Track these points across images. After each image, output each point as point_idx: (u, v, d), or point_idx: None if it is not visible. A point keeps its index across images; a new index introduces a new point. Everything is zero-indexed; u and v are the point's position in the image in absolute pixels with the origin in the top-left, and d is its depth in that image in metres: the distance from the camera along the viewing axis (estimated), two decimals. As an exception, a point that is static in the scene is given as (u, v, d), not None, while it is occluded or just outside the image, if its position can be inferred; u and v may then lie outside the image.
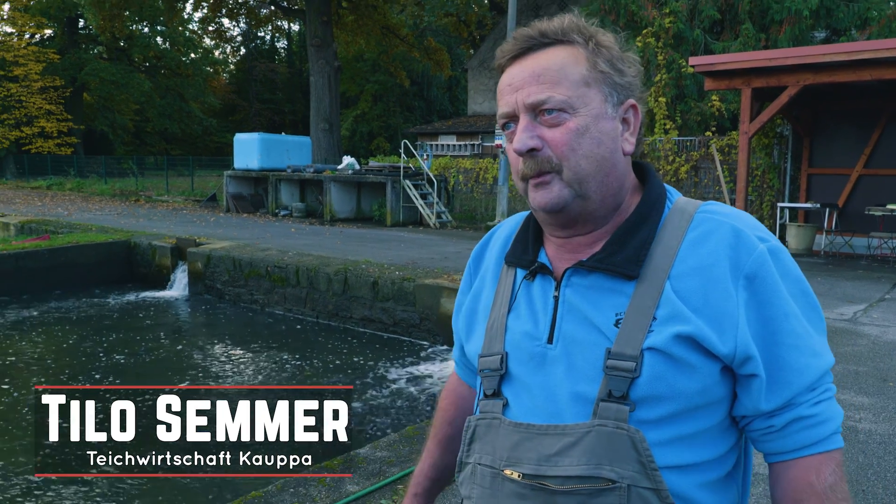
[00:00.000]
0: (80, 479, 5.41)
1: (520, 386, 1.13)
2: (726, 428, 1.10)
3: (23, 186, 34.17)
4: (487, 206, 19.11)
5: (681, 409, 1.04)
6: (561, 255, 1.16)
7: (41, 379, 7.90)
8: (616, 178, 1.11)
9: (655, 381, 1.02)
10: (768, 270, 1.04)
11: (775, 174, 13.65)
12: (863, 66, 9.94)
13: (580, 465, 1.03)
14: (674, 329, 1.02)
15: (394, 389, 7.75)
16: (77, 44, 43.38)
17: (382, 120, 45.91)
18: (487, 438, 1.15)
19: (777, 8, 14.89)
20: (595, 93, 1.09)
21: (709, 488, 1.07)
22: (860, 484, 3.56)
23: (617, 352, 1.04)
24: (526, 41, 1.10)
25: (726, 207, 1.13)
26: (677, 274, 1.06)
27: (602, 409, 1.04)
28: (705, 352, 1.03)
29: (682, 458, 1.04)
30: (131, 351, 9.06)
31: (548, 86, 1.07)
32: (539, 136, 1.07)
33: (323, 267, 10.58)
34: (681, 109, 15.94)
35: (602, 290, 1.09)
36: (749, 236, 1.06)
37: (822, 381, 1.07)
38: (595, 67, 1.09)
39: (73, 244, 13.04)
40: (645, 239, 1.09)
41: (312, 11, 25.40)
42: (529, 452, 1.08)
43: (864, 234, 12.28)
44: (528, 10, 28.52)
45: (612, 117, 1.10)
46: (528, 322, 1.14)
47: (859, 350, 6.09)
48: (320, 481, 3.59)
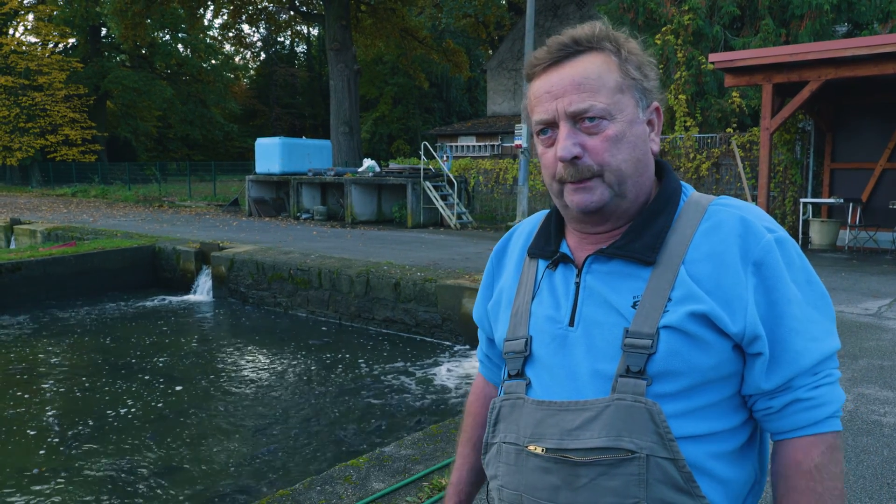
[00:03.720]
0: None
1: (542, 367, 1.20)
2: (739, 404, 1.15)
3: (48, 194, 34.67)
4: (508, 206, 19.11)
5: (695, 383, 1.10)
6: (582, 245, 1.23)
7: (66, 381, 8.04)
8: (648, 176, 1.20)
9: (671, 356, 1.08)
10: (774, 258, 1.10)
11: (797, 170, 13.54)
12: (885, 59, 9.84)
13: (601, 438, 1.09)
14: (688, 308, 1.09)
15: (417, 389, 7.80)
16: (100, 52, 43.94)
17: (402, 122, 46.02)
18: (512, 418, 1.21)
19: (797, 2, 14.75)
20: (628, 99, 1.15)
21: (722, 459, 1.12)
22: (885, 477, 3.55)
23: (634, 330, 1.10)
24: (560, 49, 1.16)
25: (738, 201, 1.19)
26: (691, 259, 1.12)
27: (621, 385, 1.10)
28: (718, 330, 1.09)
29: (695, 428, 1.10)
30: (158, 355, 9.18)
31: (588, 94, 1.12)
32: (580, 144, 1.13)
33: (345, 269, 10.65)
34: (701, 106, 15.85)
35: (621, 276, 1.15)
36: (757, 226, 1.13)
37: (823, 366, 1.12)
38: (627, 74, 1.16)
39: (99, 250, 13.22)
40: (662, 228, 1.16)
41: (331, 16, 25.54)
42: (552, 428, 1.14)
43: (888, 229, 12.15)
44: (546, 11, 28.49)
45: (642, 121, 1.18)
46: (551, 307, 1.21)
47: (884, 345, 6.05)
48: (346, 479, 3.64)
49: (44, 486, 5.39)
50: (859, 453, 3.85)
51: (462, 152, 30.19)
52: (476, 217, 19.09)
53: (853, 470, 3.64)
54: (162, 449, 6.15)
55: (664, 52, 15.99)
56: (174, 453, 6.07)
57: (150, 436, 6.44)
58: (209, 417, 6.98)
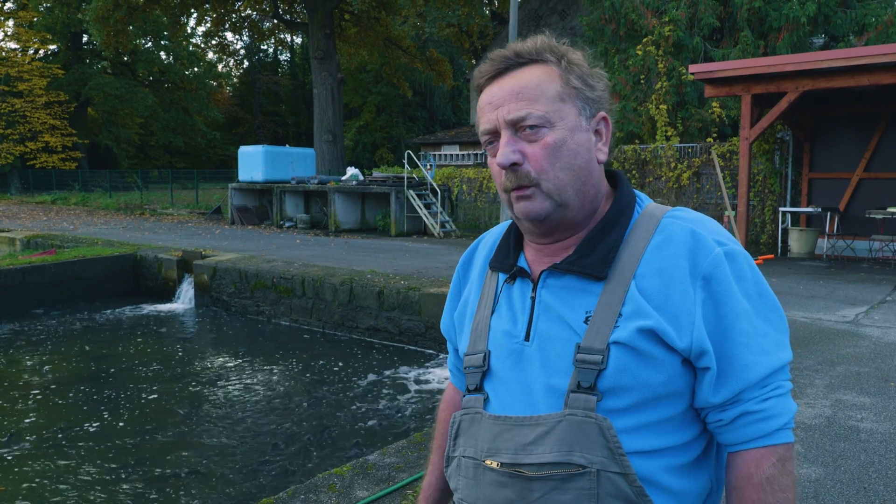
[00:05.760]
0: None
1: (499, 381, 1.21)
2: (692, 418, 1.17)
3: (28, 201, 34.33)
4: (491, 214, 19.19)
5: (645, 398, 1.11)
6: (539, 258, 1.24)
7: (47, 392, 7.98)
8: (592, 185, 1.19)
9: (620, 372, 1.10)
10: (723, 272, 1.11)
11: (776, 179, 13.72)
12: (861, 71, 10.02)
13: (553, 453, 1.11)
14: (637, 324, 1.10)
15: (401, 397, 7.80)
16: (81, 59, 43.65)
17: (385, 131, 46.06)
18: (470, 432, 1.23)
19: (775, 15, 14.97)
20: (570, 107, 1.17)
21: (675, 472, 1.13)
22: (862, 482, 3.62)
23: (585, 346, 1.12)
24: (503, 62, 1.19)
25: (691, 213, 1.20)
26: (642, 274, 1.13)
27: (572, 400, 1.11)
28: (665, 345, 1.10)
29: (647, 443, 1.11)
30: (138, 364, 9.13)
31: (526, 103, 1.14)
32: (520, 151, 1.15)
33: (328, 277, 10.65)
34: (682, 116, 16.02)
35: (574, 291, 1.17)
36: (707, 240, 1.13)
37: (772, 378, 1.13)
38: (568, 84, 1.17)
39: (80, 258, 13.12)
40: (613, 242, 1.17)
41: (315, 24, 25.57)
42: (507, 443, 1.15)
43: (865, 238, 12.33)
44: (529, 21, 28.67)
45: (585, 129, 1.18)
46: (508, 322, 1.23)
47: (861, 351, 6.14)
48: (330, 487, 3.65)
49: (19, 498, 5.35)
50: (837, 458, 3.91)
51: (445, 161, 30.23)
52: (459, 225, 19.15)
53: (831, 475, 3.70)
54: (141, 458, 6.12)
55: (645, 62, 16.16)
56: (154, 463, 6.04)
57: (129, 445, 6.40)
58: (191, 427, 6.95)
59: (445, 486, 1.46)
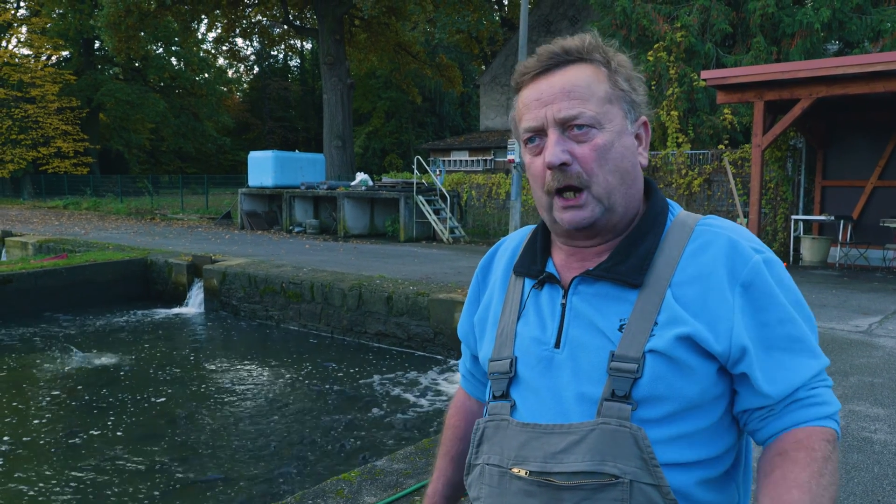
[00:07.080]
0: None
1: (527, 388, 1.18)
2: (726, 427, 1.14)
3: (40, 206, 34.54)
4: (500, 220, 19.15)
5: (680, 408, 1.09)
6: (569, 264, 1.21)
7: (58, 395, 7.99)
8: (636, 189, 1.18)
9: (656, 381, 1.08)
10: (764, 279, 1.10)
11: (789, 187, 13.62)
12: (876, 78, 9.93)
13: (584, 462, 1.08)
14: (674, 331, 1.08)
15: (409, 402, 7.77)
16: (93, 65, 43.92)
17: (395, 136, 46.12)
18: (496, 439, 1.19)
19: (789, 21, 14.90)
20: (617, 110, 1.15)
21: (708, 486, 1.11)
22: (875, 494, 3.56)
23: (620, 354, 1.09)
24: (550, 58, 1.15)
25: (724, 221, 1.19)
26: (678, 282, 1.11)
27: (605, 408, 1.09)
28: (702, 352, 1.08)
29: (682, 455, 1.09)
30: (148, 368, 9.13)
31: (578, 101, 1.12)
32: (569, 152, 1.12)
33: (337, 282, 10.64)
34: (693, 123, 15.95)
35: (607, 298, 1.14)
36: (745, 247, 1.12)
37: (818, 379, 1.12)
38: (616, 86, 1.15)
39: (91, 262, 13.16)
40: (648, 249, 1.15)
41: (325, 30, 25.64)
42: (536, 451, 1.12)
43: (879, 247, 12.23)
44: (539, 27, 28.70)
45: (630, 133, 1.17)
46: (537, 328, 1.20)
47: (875, 362, 6.07)
48: (338, 492, 3.62)
49: (29, 500, 5.34)
50: (850, 470, 3.85)
51: (455, 167, 30.28)
52: (468, 231, 19.12)
53: (844, 486, 3.64)
54: (150, 463, 6.11)
55: (656, 68, 16.11)
56: (162, 467, 6.03)
57: (138, 449, 6.39)
58: (199, 431, 6.93)
59: (451, 494, 1.43)
